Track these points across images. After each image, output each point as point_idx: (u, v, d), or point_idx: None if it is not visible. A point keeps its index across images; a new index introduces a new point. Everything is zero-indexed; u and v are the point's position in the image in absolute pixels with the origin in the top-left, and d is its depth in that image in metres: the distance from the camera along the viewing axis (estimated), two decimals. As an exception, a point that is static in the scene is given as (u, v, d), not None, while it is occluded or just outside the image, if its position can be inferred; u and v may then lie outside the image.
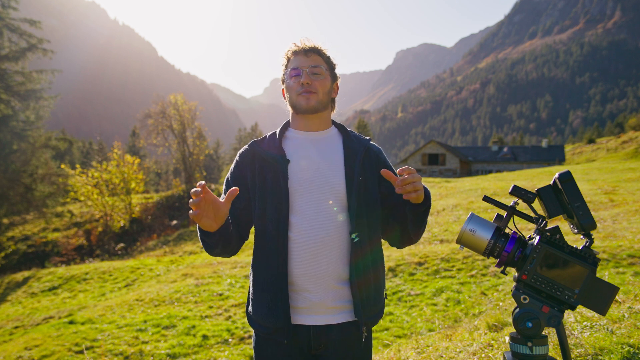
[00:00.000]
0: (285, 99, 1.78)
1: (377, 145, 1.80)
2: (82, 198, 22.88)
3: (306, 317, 1.61)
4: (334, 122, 1.81)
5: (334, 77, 1.76)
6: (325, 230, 1.61)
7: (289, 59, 1.73)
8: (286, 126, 1.78)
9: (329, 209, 1.62)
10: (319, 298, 1.60)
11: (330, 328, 1.62)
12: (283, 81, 1.77)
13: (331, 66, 1.75)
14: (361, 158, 1.68)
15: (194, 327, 6.17)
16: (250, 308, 1.71)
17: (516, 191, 1.35)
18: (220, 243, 1.58)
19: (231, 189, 1.45)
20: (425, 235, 10.35)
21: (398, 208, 1.68)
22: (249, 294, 1.75)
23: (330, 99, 1.75)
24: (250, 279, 1.73)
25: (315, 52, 1.70)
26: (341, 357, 1.64)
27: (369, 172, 1.69)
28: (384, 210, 1.73)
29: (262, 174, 1.65)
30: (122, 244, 20.07)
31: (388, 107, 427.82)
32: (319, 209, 1.62)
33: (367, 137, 1.78)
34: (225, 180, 1.76)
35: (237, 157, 1.75)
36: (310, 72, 1.67)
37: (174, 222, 22.73)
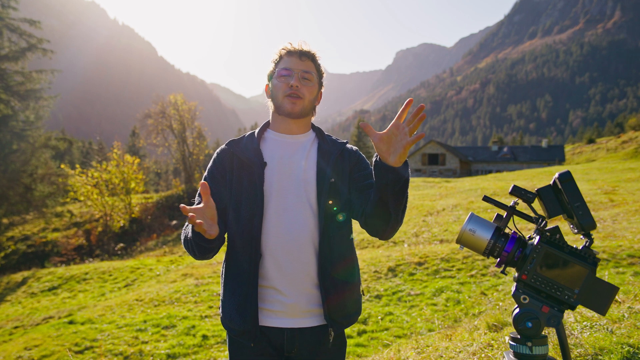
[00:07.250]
0: (267, 95, 1.76)
1: (354, 147, 1.79)
2: (81, 198, 22.88)
3: (280, 320, 1.61)
4: (312, 126, 1.80)
5: (320, 86, 1.76)
6: (298, 232, 1.61)
7: (280, 57, 1.70)
8: (265, 127, 1.77)
9: (301, 212, 1.62)
10: (293, 301, 1.61)
11: (302, 331, 1.62)
12: (269, 77, 1.75)
13: (320, 74, 1.75)
14: (334, 160, 1.67)
15: (193, 327, 6.17)
16: (221, 309, 1.71)
17: (516, 191, 1.34)
18: (218, 246, 1.56)
19: (201, 182, 1.43)
20: (425, 235, 10.34)
21: (375, 192, 1.52)
22: (220, 295, 1.74)
23: (313, 107, 1.75)
24: (222, 280, 1.72)
25: (310, 57, 1.70)
26: (312, 359, 1.64)
27: (341, 174, 1.68)
28: (359, 198, 1.64)
29: (239, 175, 1.64)
30: (121, 244, 20.07)
31: (388, 107, 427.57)
32: (291, 212, 1.62)
33: (344, 141, 1.76)
34: (203, 180, 1.67)
35: (215, 156, 1.73)
36: (301, 77, 1.66)
37: (174, 222, 22.73)
